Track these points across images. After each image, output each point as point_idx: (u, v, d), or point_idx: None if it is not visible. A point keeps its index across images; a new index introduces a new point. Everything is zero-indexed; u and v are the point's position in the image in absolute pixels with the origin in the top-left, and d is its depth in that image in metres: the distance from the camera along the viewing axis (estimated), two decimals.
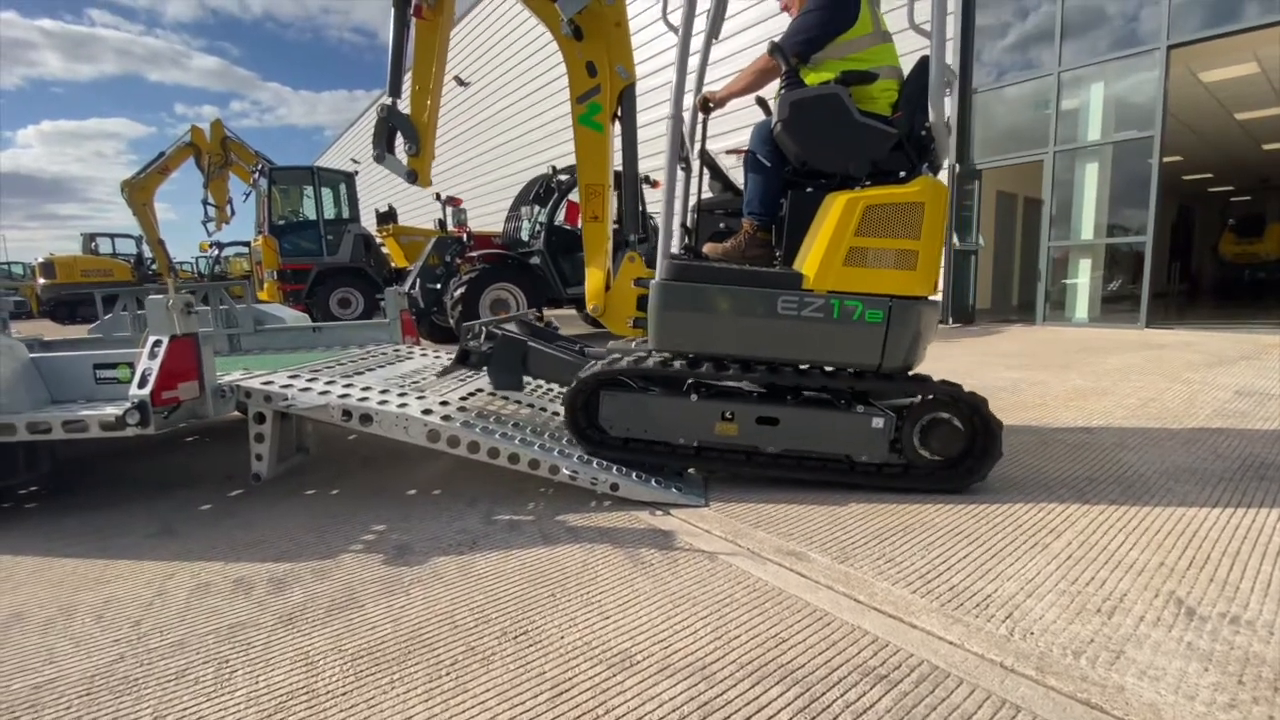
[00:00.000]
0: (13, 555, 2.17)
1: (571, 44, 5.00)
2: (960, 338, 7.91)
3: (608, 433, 2.60)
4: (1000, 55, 9.12)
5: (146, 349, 2.18)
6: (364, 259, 12.29)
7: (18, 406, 2.33)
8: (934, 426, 2.40)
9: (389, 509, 2.47)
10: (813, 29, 2.45)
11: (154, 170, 17.70)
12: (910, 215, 2.31)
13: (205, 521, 2.43)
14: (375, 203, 16.53)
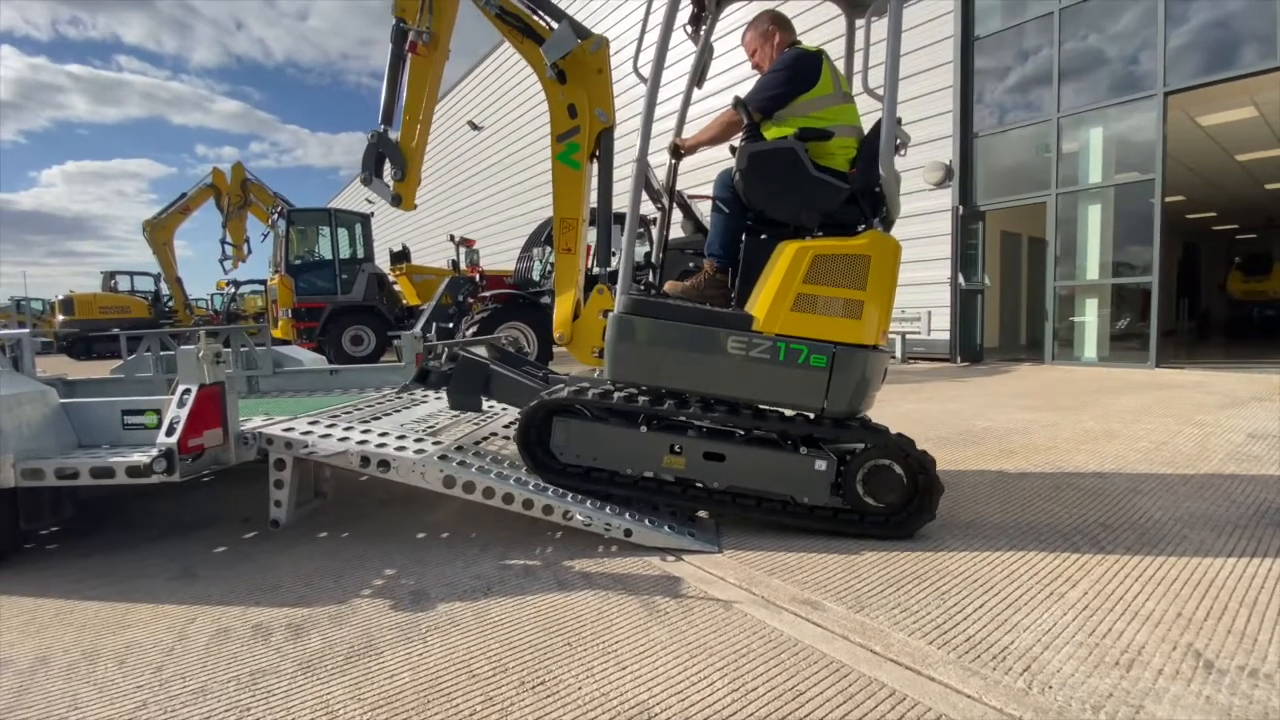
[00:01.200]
0: (36, 598, 2.20)
1: (555, 86, 5.26)
2: (969, 377, 7.91)
3: (558, 459, 2.66)
4: (1001, 99, 9.36)
5: (175, 397, 2.24)
6: (377, 297, 12.51)
7: (46, 452, 2.39)
8: (876, 473, 2.44)
9: (402, 553, 2.49)
10: (776, 88, 2.62)
11: (175, 210, 18.21)
12: (857, 267, 2.41)
13: (223, 564, 2.46)
14: (389, 242, 16.90)
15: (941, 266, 9.56)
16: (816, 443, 2.53)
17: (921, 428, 4.72)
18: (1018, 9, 9.01)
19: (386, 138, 5.50)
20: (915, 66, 9.67)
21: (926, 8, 9.47)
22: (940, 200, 9.60)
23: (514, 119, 19.30)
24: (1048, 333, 9.02)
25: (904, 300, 9.83)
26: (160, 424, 2.40)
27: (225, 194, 17.58)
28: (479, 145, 21.83)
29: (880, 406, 5.65)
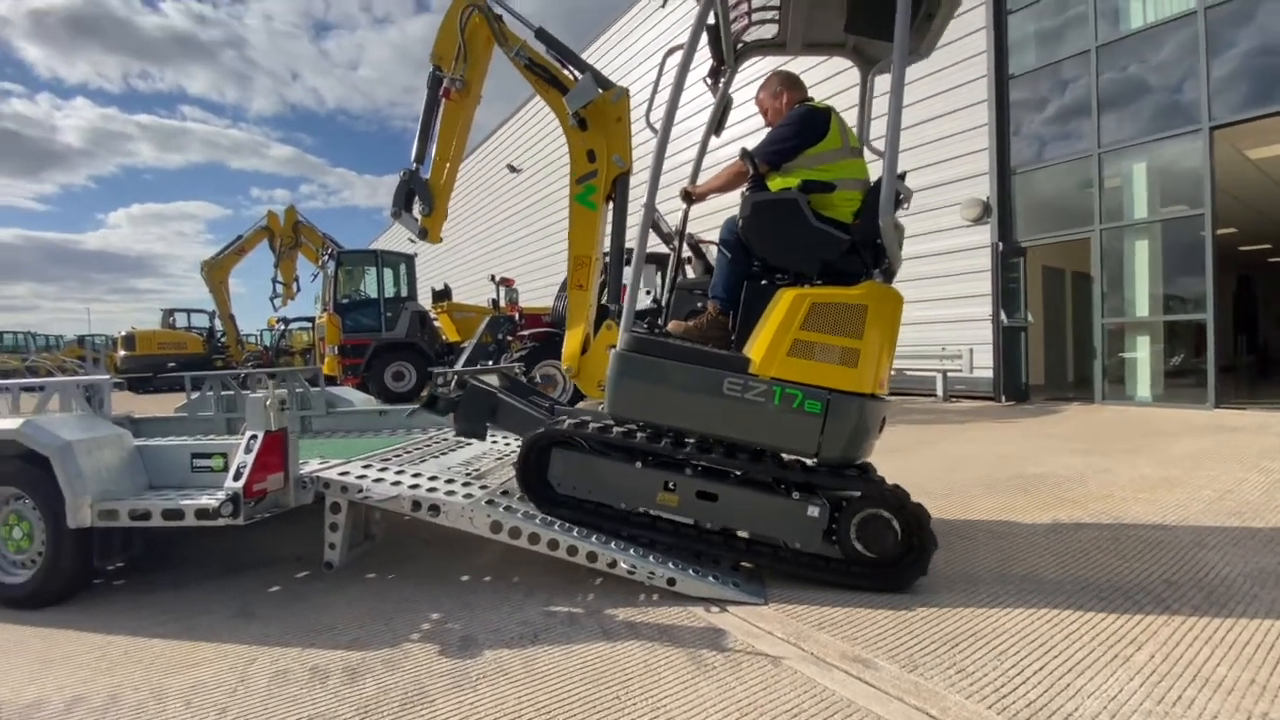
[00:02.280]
0: (105, 634, 2.31)
1: (576, 133, 5.55)
2: (1015, 417, 7.69)
3: (555, 489, 2.70)
4: (1039, 134, 9.30)
5: (243, 443, 2.37)
6: (419, 334, 12.87)
7: (121, 493, 2.53)
8: (869, 523, 2.42)
9: (449, 596, 2.53)
10: (783, 141, 2.71)
11: (231, 251, 19.19)
12: (853, 316, 2.44)
13: (279, 604, 2.54)
14: (432, 280, 17.44)
15: (982, 303, 9.40)
16: (812, 489, 2.53)
17: (969, 472, 4.61)
18: (1053, 46, 9.02)
19: (418, 176, 5.86)
20: (949, 105, 9.72)
21: (959, 47, 9.55)
22: (978, 237, 9.51)
23: (551, 162, 19.91)
24: (1097, 371, 8.74)
25: (944, 337, 9.70)
26: (226, 467, 2.53)
27: (278, 235, 18.47)
28: (518, 187, 22.54)
29: (925, 447, 5.58)
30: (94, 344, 26.93)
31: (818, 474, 2.51)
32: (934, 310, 10.07)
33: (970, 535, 3.15)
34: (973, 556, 2.83)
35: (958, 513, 3.55)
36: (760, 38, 3.42)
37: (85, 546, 2.55)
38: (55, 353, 26.64)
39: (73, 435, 2.47)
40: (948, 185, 9.82)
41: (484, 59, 5.85)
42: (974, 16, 9.39)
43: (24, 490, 2.57)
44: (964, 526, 3.29)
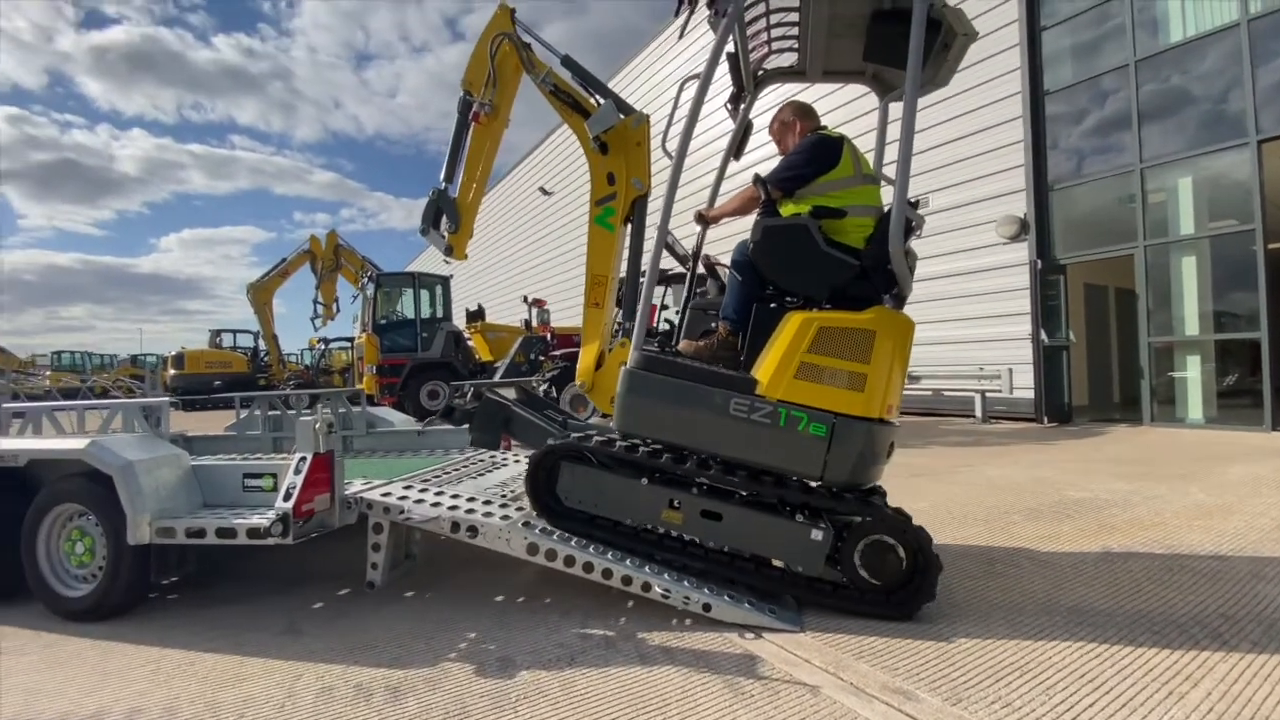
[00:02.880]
0: (161, 647, 2.40)
1: (597, 156, 5.72)
2: (1058, 439, 7.47)
3: (562, 502, 2.74)
4: (1077, 149, 9.13)
5: (292, 464, 2.46)
6: (453, 354, 13.13)
7: (178, 511, 2.65)
8: (873, 549, 2.40)
9: (486, 617, 2.57)
10: (795, 168, 2.74)
11: (276, 274, 19.90)
12: (861, 340, 2.44)
13: (323, 621, 2.61)
14: (466, 300, 17.80)
15: (1021, 322, 9.20)
16: (818, 512, 2.52)
17: (1008, 496, 4.49)
18: (1089, 60, 8.89)
19: (446, 194, 6.09)
20: (983, 123, 9.62)
21: (992, 64, 9.48)
22: (1016, 254, 9.34)
23: (581, 185, 20.22)
24: (1145, 391, 8.45)
25: (983, 357, 9.50)
26: (276, 487, 2.63)
27: (320, 258, 19.09)
28: (549, 209, 22.95)
29: (963, 470, 5.46)
30: (146, 363, 28.10)
31: (820, 497, 2.50)
32: (971, 329, 9.88)
33: (1014, 563, 3.07)
34: (1017, 585, 2.76)
35: (999, 539, 3.47)
36: (780, 65, 3.47)
37: (144, 562, 2.66)
38: (110, 371, 27.85)
39: (134, 455, 2.60)
40: (983, 203, 9.70)
41: (512, 85, 6.09)
42: (1006, 34, 9.33)
43: (87, 507, 2.70)
44: (1007, 554, 3.21)
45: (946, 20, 2.62)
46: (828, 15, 2.95)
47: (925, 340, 10.48)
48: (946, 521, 3.86)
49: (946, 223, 10.20)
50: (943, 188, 10.23)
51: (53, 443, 2.76)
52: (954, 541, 3.43)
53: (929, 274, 10.42)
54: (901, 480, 5.17)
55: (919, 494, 4.67)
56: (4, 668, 2.27)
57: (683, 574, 2.50)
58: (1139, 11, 8.32)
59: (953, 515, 4.02)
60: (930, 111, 10.24)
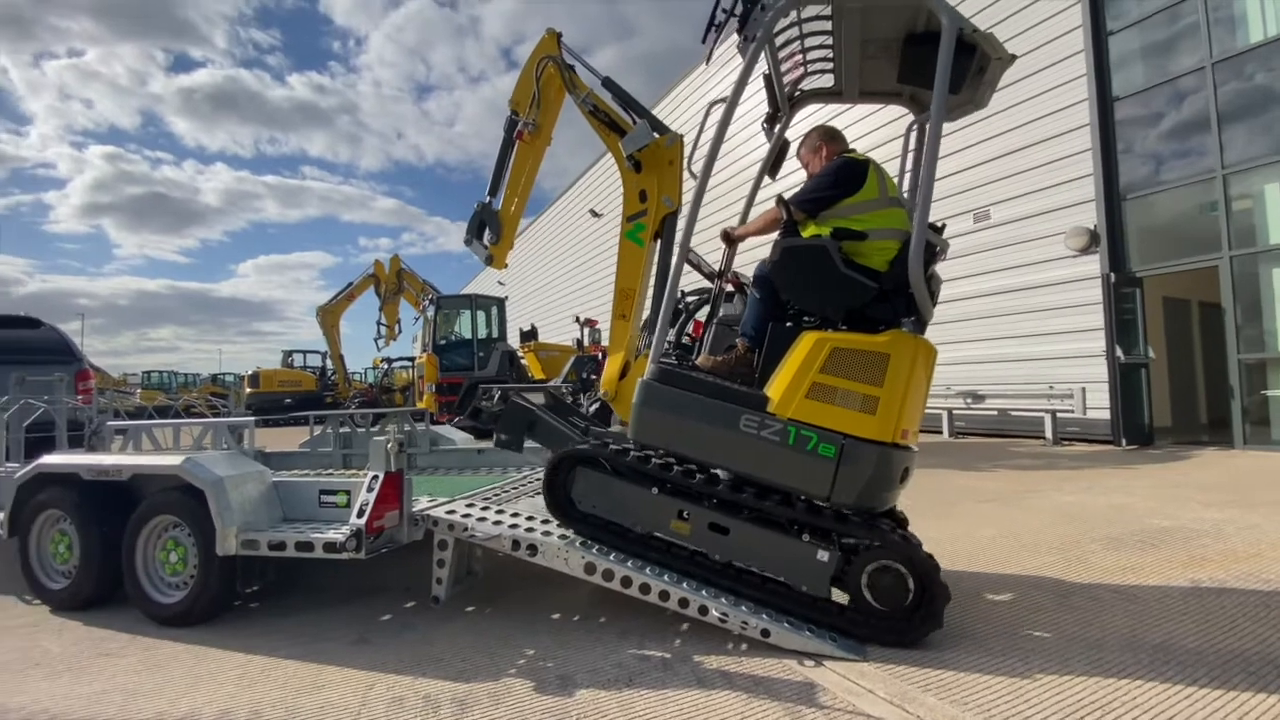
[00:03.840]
0: (245, 654, 2.55)
1: (631, 174, 5.86)
2: (1138, 463, 7.03)
3: (576, 506, 2.82)
4: (1151, 157, 8.69)
5: (365, 482, 2.59)
6: (508, 373, 13.45)
7: (261, 524, 2.82)
8: (880, 574, 2.37)
9: (545, 634, 2.62)
10: (819, 191, 2.75)
11: (343, 298, 20.95)
12: (875, 363, 2.42)
13: (391, 633, 2.72)
14: (519, 321, 18.25)
15: (1094, 338, 8.74)
16: (827, 533, 2.48)
17: (1084, 524, 4.26)
18: (1161, 64, 8.48)
19: (490, 207, 6.40)
20: (1048, 131, 9.29)
21: (1057, 72, 9.17)
22: (1086, 267, 8.91)
23: None
24: (1235, 412, 7.85)
25: (1051, 375, 9.07)
26: (349, 503, 2.78)
27: (383, 282, 20.00)
28: (600, 231, 23.35)
29: (1031, 497, 5.21)
30: (226, 381, 29.96)
31: (827, 518, 2.47)
32: (1039, 346, 9.46)
33: (1092, 595, 2.92)
34: (1096, 619, 2.62)
35: (1075, 570, 3.29)
36: (817, 86, 3.48)
37: (230, 571, 2.85)
38: (194, 389, 29.80)
39: (224, 471, 2.80)
40: (1050, 214, 9.32)
41: (555, 105, 6.36)
42: (1071, 40, 9.02)
43: (181, 519, 2.91)
44: (1084, 586, 3.04)
45: (979, 44, 2.60)
46: (860, 39, 2.96)
47: (989, 358, 10.12)
48: (1016, 550, 3.70)
49: (1011, 235, 9.85)
50: (1006, 199, 9.90)
51: (152, 459, 2.99)
52: (1025, 571, 3.29)
53: (993, 289, 10.08)
54: (968, 506, 4.98)
55: (985, 520, 4.49)
56: (107, 669, 2.46)
57: (739, 598, 2.49)
58: (1214, 10, 7.90)
59: (1023, 544, 3.84)
60: (992, 121, 9.96)
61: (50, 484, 3.17)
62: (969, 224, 10.47)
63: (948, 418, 10.39)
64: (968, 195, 10.46)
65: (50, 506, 3.18)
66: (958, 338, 10.72)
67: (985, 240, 10.23)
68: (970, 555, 3.64)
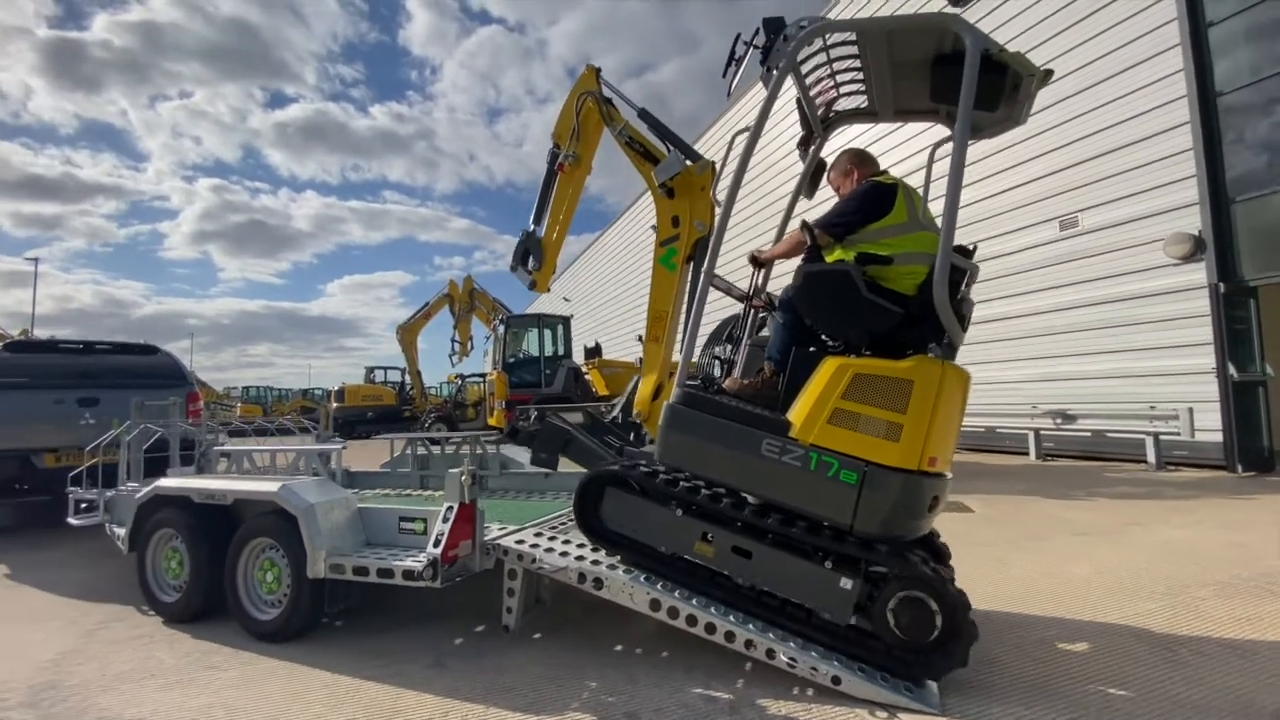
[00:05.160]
0: (332, 673, 2.71)
1: (664, 200, 6.02)
2: (1258, 492, 6.37)
3: (606, 524, 2.88)
4: (1264, 155, 7.92)
5: (441, 512, 2.72)
6: (573, 389, 13.71)
7: (347, 549, 3.00)
8: (905, 605, 2.32)
9: (610, 667, 2.64)
10: (845, 215, 2.73)
11: (420, 316, 21.99)
12: (898, 390, 2.37)
13: (464, 658, 2.81)
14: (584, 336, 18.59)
15: (1201, 354, 8.03)
16: (855, 561, 2.44)
17: (1194, 565, 3.90)
18: (1272, 54, 7.74)
19: (534, 235, 6.72)
20: (1143, 131, 8.67)
21: (1149, 68, 8.56)
22: (1191, 276, 8.21)
23: None
24: None
25: (1153, 393, 8.39)
26: (426, 531, 2.91)
27: (457, 301, 20.85)
28: None
29: (1133, 530, 4.84)
30: (314, 396, 32.00)
31: (851, 545, 2.41)
32: (1136, 362, 8.78)
33: (1201, 650, 2.67)
34: (1205, 678, 2.40)
35: (1183, 620, 3.02)
36: (852, 107, 3.42)
37: (319, 592, 3.03)
38: (286, 403, 31.99)
39: (315, 498, 3.00)
40: (1146, 220, 8.67)
41: (594, 138, 6.64)
42: (1164, 34, 8.41)
43: (277, 541, 3.13)
44: (1192, 639, 2.79)
45: (1009, 63, 2.52)
46: (888, 62, 2.92)
47: (1080, 374, 9.47)
48: (1115, 594, 3.43)
49: (1103, 243, 9.23)
50: (1097, 205, 9.30)
51: (252, 484, 3.24)
52: (1125, 620, 3.05)
53: (1083, 300, 9.46)
54: (1062, 539, 4.67)
55: (1081, 557, 4.19)
56: (213, 682, 2.67)
57: (808, 642, 2.43)
58: None
59: (1123, 587, 3.56)
60: (1078, 123, 9.42)
61: (165, 505, 3.49)
62: (1055, 232, 9.89)
63: (1035, 438, 9.77)
64: (1053, 201, 9.88)
65: (165, 525, 3.49)
66: (1042, 353, 10.11)
67: (1074, 249, 9.62)
68: (1059, 596, 3.42)
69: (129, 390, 6.15)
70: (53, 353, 6.47)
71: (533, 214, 6.87)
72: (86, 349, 6.57)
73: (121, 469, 4.39)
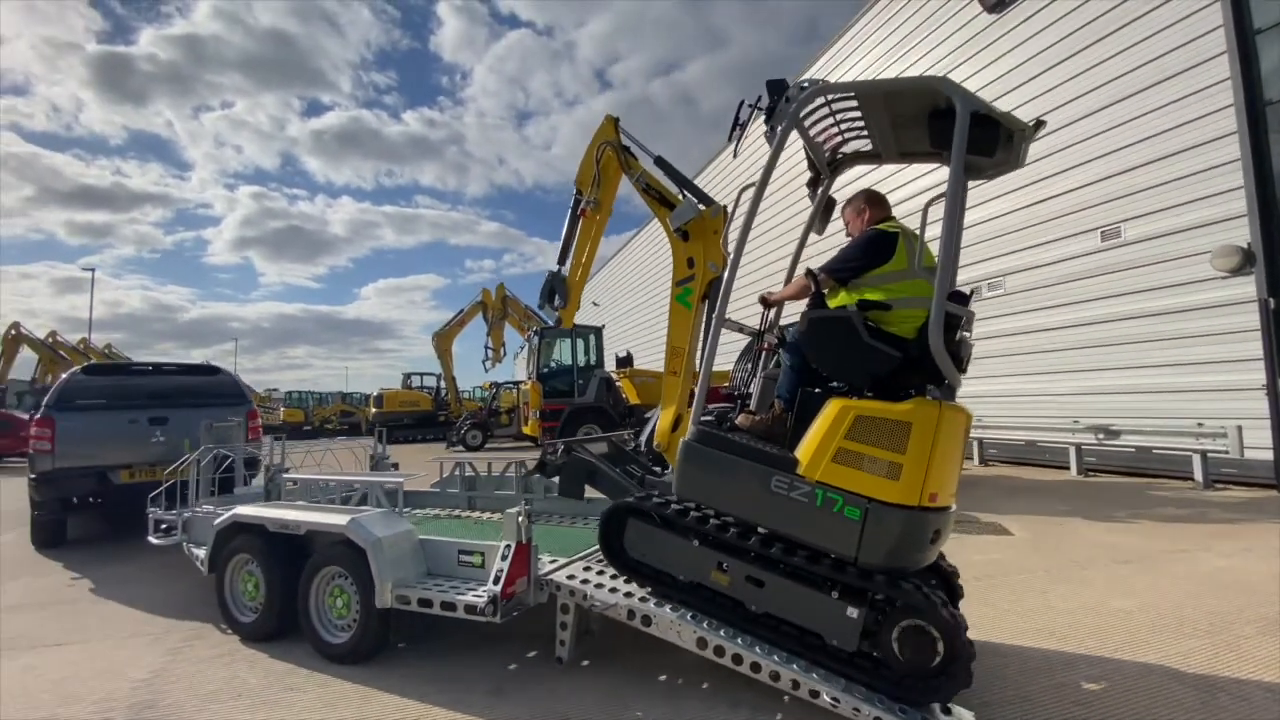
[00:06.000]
0: (401, 697, 2.91)
1: (679, 242, 6.43)
2: None
3: (628, 553, 3.07)
4: None
5: (500, 550, 2.91)
6: (605, 399, 13.92)
7: (410, 580, 3.21)
8: (910, 633, 2.44)
9: (657, 698, 2.79)
10: (848, 262, 2.88)
11: (454, 324, 22.52)
12: (897, 431, 2.48)
13: (519, 684, 2.99)
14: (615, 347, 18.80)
15: (1250, 369, 7.82)
16: (861, 591, 2.56)
17: (1239, 597, 3.88)
18: None
19: (559, 275, 7.28)
20: (1188, 141, 8.48)
21: (1193, 77, 8.36)
22: (1239, 290, 8.00)
23: None
24: None
25: (1199, 410, 8.21)
26: (484, 564, 3.11)
27: (490, 308, 21.31)
28: None
29: (1175, 557, 4.82)
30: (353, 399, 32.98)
31: (855, 576, 2.54)
32: (1181, 377, 8.59)
33: (1242, 694, 2.70)
34: None
35: (1225, 659, 3.04)
36: (857, 150, 3.55)
37: (386, 619, 3.25)
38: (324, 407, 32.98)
39: (382, 532, 3.22)
40: (1192, 232, 8.47)
41: (614, 184, 7.18)
42: (1209, 41, 8.21)
43: (346, 570, 3.36)
44: (1233, 682, 2.82)
45: (998, 119, 2.65)
46: (887, 116, 3.09)
47: (1122, 389, 9.29)
48: (1158, 630, 3.44)
49: (1146, 255, 9.05)
50: (1140, 215, 9.12)
51: (324, 517, 3.48)
52: (1165, 660, 3.07)
53: (1125, 313, 9.29)
54: (1102, 568, 4.66)
55: (1123, 588, 4.19)
56: (295, 704, 2.90)
57: (850, 683, 2.55)
58: None
59: (1166, 623, 3.57)
60: (1120, 132, 9.25)
61: (242, 531, 3.76)
62: (1096, 242, 9.72)
63: (1076, 453, 9.61)
64: (1095, 211, 9.71)
65: (241, 551, 3.77)
66: (1084, 366, 9.94)
67: (1116, 260, 9.44)
68: (1101, 632, 3.45)
69: (195, 409, 6.56)
70: (126, 375, 6.90)
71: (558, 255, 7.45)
72: (155, 370, 7.00)
73: (192, 489, 4.71)
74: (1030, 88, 10.68)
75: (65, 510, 6.39)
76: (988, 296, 11.60)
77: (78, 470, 6.03)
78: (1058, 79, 10.23)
